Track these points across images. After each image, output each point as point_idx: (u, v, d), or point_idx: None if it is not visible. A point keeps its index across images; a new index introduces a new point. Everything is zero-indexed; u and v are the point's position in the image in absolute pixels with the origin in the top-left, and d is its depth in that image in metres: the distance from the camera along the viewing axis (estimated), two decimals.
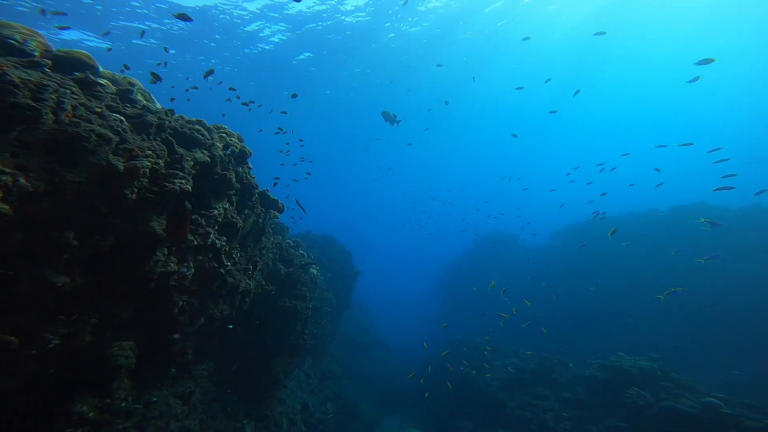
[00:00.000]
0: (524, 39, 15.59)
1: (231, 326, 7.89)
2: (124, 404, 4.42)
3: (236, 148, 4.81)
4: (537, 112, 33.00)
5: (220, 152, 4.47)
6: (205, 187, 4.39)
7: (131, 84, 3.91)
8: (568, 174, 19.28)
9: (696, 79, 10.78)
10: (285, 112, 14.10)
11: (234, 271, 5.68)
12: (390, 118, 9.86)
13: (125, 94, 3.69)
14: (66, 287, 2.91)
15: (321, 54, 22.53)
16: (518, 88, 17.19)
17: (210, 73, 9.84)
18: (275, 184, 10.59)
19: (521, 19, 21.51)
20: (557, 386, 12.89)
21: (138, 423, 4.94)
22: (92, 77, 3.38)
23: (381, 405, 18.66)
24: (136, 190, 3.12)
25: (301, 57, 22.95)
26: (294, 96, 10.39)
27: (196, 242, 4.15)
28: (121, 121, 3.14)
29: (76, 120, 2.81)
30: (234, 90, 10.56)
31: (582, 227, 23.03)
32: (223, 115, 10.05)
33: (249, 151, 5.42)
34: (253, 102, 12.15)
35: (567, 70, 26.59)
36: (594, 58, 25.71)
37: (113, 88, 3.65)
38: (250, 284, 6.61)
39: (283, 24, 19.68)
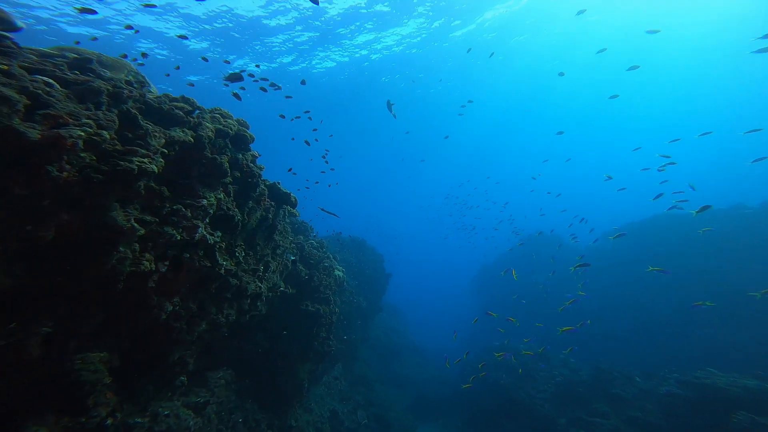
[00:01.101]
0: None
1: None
2: (109, 421, 3.80)
3: (231, 130, 4.13)
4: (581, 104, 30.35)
5: (210, 134, 3.81)
6: (191, 173, 3.74)
7: (100, 57, 3.36)
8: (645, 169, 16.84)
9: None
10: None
11: (238, 271, 5.00)
12: (390, 108, 9.10)
13: (83, 64, 3.11)
14: None
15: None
16: (560, 74, 15.44)
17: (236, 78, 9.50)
18: (290, 170, 9.99)
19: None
20: (620, 403, 11.04)
21: None
22: None
23: (414, 413, 17.54)
24: (68, 167, 2.48)
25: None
26: (303, 82, 9.77)
27: (179, 237, 3.49)
28: (48, 84, 2.52)
29: None
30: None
31: (647, 225, 20.41)
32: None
33: (251, 135, 4.74)
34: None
35: (618, 55, 24.10)
36: (648, 42, 23.09)
37: (70, 56, 3.10)
38: (261, 287, 5.93)
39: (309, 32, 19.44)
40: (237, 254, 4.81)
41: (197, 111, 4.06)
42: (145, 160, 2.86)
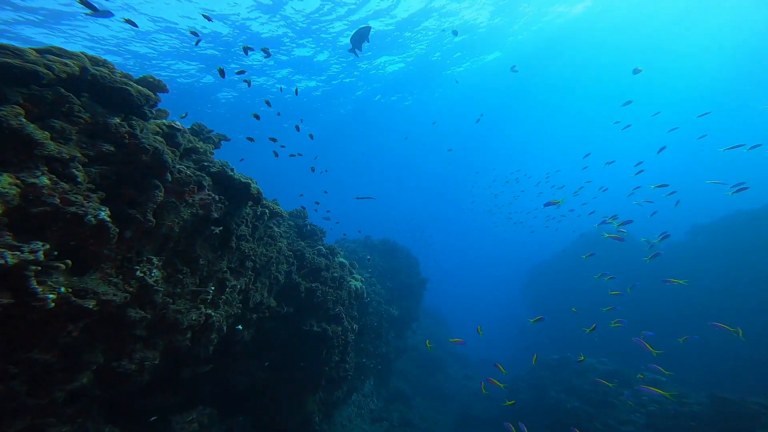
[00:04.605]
0: None
1: (239, 326, 5.61)
2: None
3: (76, 70, 2.40)
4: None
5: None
6: None
7: None
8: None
9: None
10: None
11: (154, 297, 3.23)
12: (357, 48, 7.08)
13: None
14: None
15: None
16: (636, 71, 11.84)
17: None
18: (242, 160, 8.26)
19: None
20: None
21: None
22: None
23: None
24: None
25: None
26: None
27: None
28: None
29: None
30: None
31: (746, 218, 15.80)
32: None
33: (152, 95, 2.97)
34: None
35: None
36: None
37: None
38: (214, 314, 4.15)
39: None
40: (140, 273, 3.03)
41: None
42: None
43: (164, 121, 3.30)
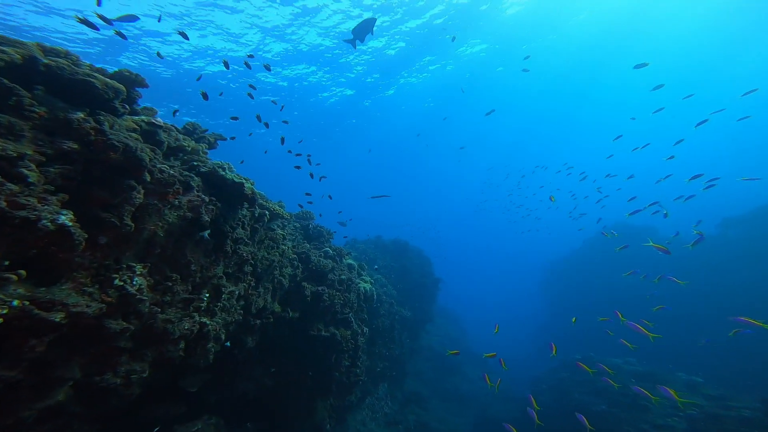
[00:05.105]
0: None
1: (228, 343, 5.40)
2: None
3: (13, 58, 2.11)
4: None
5: None
6: None
7: None
8: None
9: None
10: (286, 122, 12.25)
11: (139, 306, 2.99)
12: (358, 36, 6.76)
13: None
14: None
15: None
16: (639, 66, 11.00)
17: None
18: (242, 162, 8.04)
19: None
20: None
21: None
22: None
23: None
24: None
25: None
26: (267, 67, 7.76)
27: None
28: None
29: None
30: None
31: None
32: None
33: (126, 89, 2.72)
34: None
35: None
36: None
37: None
38: (209, 323, 3.91)
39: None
40: (120, 282, 2.79)
41: None
42: None
43: (143, 117, 3.06)
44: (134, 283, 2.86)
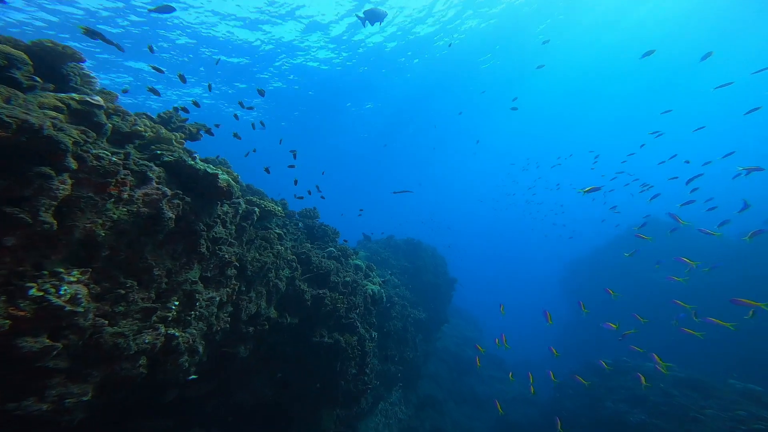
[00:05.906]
0: None
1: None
2: None
3: None
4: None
5: None
6: None
7: None
8: None
9: None
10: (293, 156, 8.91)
11: (77, 319, 2.43)
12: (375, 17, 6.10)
13: None
14: None
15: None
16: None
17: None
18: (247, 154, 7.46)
19: None
20: None
21: None
22: None
23: None
24: None
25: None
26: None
27: None
28: None
29: None
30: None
31: None
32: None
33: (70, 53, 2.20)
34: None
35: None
36: None
37: None
38: (179, 335, 3.33)
39: None
40: (38, 292, 2.23)
41: None
42: None
43: (72, 95, 2.47)
44: (62, 292, 2.28)
